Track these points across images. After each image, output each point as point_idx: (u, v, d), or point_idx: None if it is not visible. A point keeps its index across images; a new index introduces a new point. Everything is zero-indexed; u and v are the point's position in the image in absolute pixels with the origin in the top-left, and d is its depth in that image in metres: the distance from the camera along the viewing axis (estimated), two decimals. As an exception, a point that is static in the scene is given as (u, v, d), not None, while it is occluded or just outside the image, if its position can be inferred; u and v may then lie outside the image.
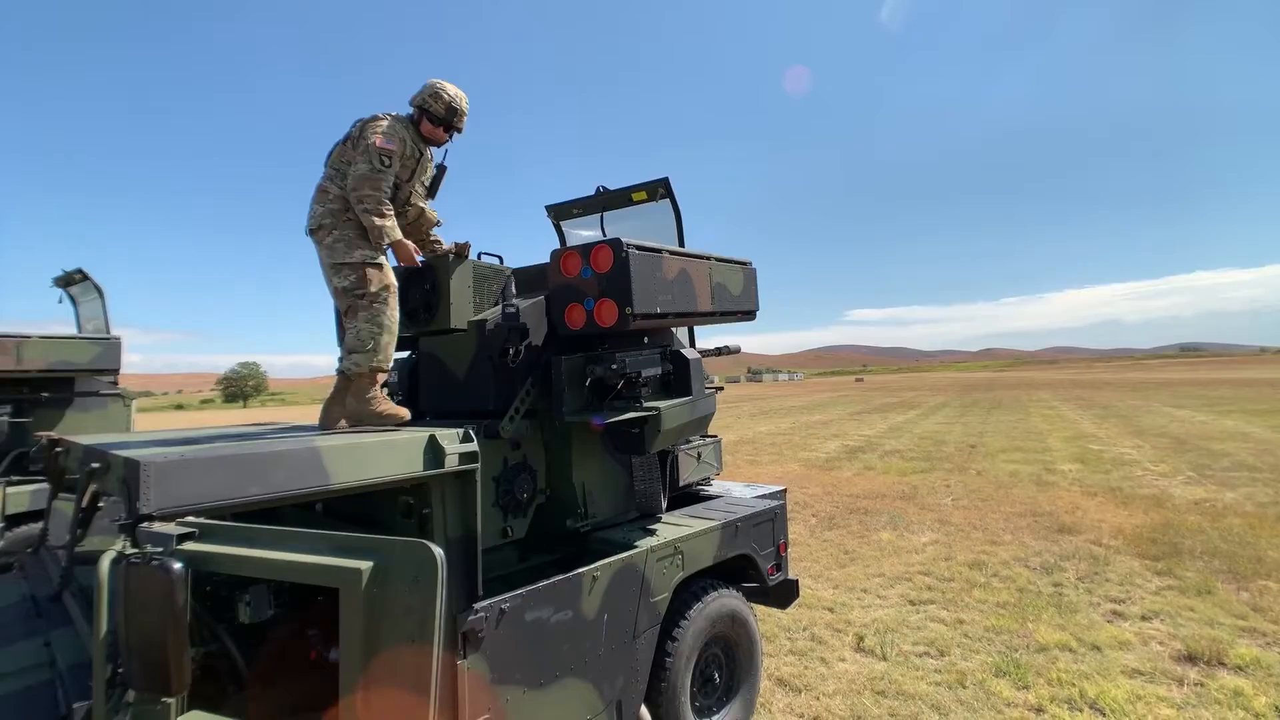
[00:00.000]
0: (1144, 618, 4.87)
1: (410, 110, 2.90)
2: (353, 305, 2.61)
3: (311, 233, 2.71)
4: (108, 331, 6.17)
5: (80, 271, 6.52)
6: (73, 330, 6.68)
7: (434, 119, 2.88)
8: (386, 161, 2.60)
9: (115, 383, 6.08)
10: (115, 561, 1.45)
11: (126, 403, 6.08)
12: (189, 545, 1.49)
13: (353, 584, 1.39)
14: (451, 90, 2.88)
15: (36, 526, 3.78)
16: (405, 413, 2.66)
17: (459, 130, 2.98)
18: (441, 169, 3.07)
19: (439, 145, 2.99)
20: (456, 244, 3.01)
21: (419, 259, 2.92)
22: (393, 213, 2.69)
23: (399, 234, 2.71)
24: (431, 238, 3.11)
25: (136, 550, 1.44)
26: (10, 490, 4.58)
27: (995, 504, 8.86)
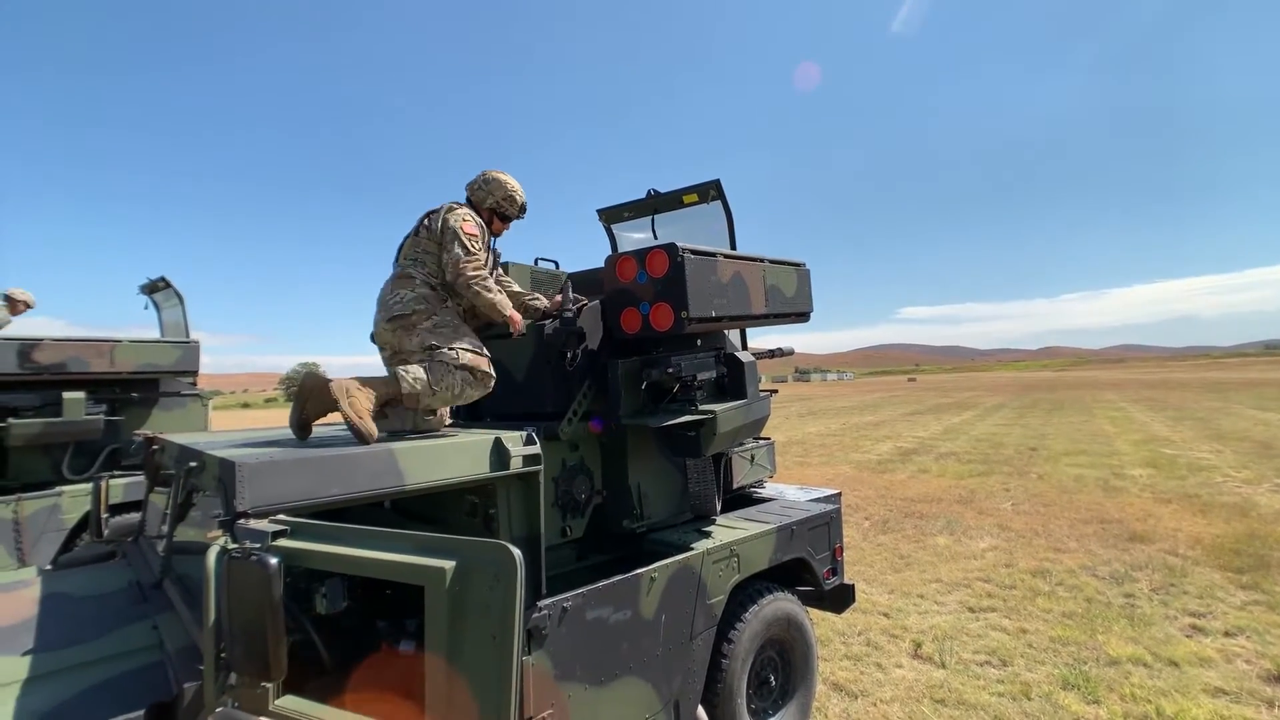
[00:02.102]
0: (1227, 634, 4.60)
1: (467, 197, 2.94)
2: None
3: (395, 318, 2.60)
4: (187, 336, 6.57)
5: (164, 279, 6.95)
6: (156, 334, 7.13)
7: (505, 218, 2.99)
8: (476, 245, 2.66)
9: (194, 383, 6.47)
10: (219, 555, 1.56)
11: (204, 402, 6.47)
12: (283, 542, 1.60)
13: (437, 582, 1.47)
14: (518, 187, 2.95)
15: (133, 516, 4.08)
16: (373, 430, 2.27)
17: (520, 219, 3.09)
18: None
19: (496, 236, 3.03)
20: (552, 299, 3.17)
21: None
22: (499, 288, 2.75)
23: (511, 307, 2.76)
24: (528, 298, 3.18)
25: (237, 545, 1.56)
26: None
27: (1059, 509, 8.50)
